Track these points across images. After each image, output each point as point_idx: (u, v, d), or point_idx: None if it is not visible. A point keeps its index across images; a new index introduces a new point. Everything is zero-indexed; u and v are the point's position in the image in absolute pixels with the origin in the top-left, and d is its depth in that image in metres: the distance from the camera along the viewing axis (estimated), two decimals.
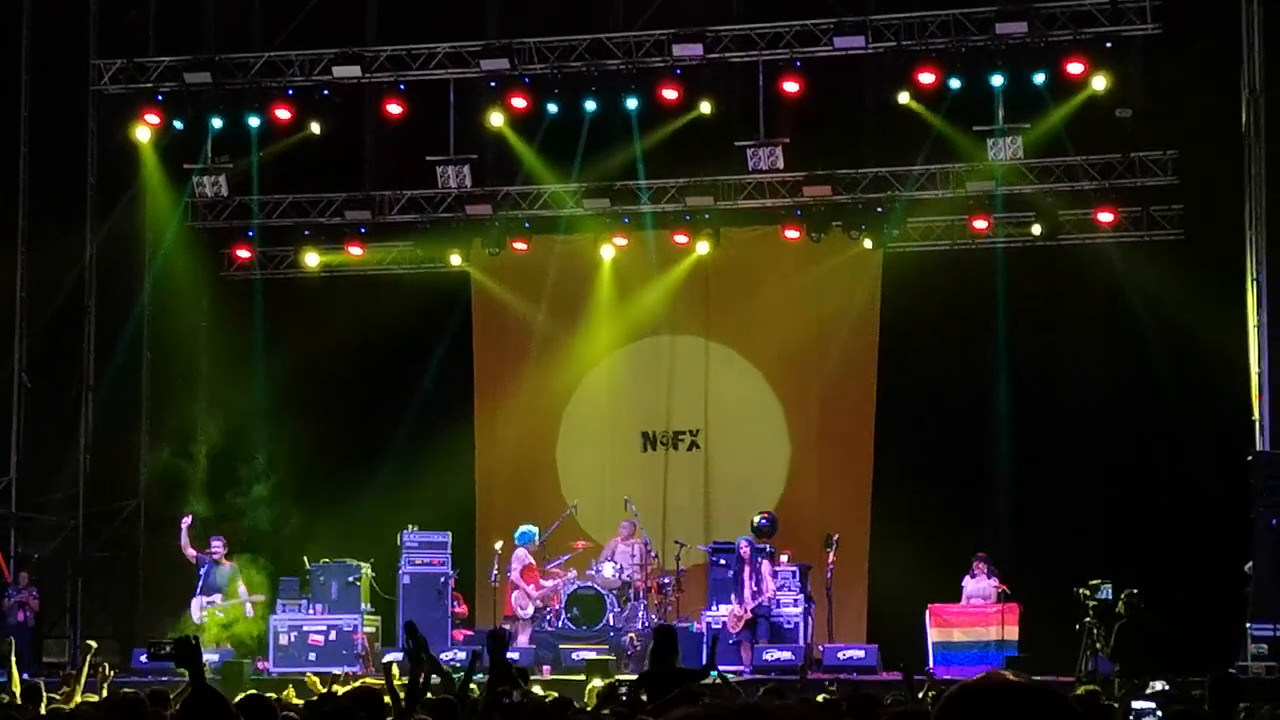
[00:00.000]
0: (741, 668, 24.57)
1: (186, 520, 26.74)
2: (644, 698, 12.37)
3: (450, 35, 28.27)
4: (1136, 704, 15.25)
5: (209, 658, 23.26)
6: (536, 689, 17.94)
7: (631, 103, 27.78)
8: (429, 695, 10.92)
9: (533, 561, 26.32)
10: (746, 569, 25.09)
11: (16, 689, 15.78)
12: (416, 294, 29.61)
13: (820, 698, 14.82)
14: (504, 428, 29.74)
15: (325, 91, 28.59)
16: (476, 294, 30.20)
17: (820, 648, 25.50)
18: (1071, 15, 26.50)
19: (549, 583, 26.33)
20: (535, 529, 26.51)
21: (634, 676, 20.02)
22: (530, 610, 26.05)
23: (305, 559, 26.54)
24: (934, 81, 26.77)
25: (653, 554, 26.89)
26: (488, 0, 28.48)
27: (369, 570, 26.60)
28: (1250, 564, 24.08)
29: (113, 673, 18.23)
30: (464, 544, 27.73)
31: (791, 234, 28.71)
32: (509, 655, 17.62)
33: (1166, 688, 15.55)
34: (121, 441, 29.24)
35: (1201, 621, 24.12)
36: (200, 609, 26.25)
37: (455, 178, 28.39)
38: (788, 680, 19.73)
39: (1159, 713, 13.90)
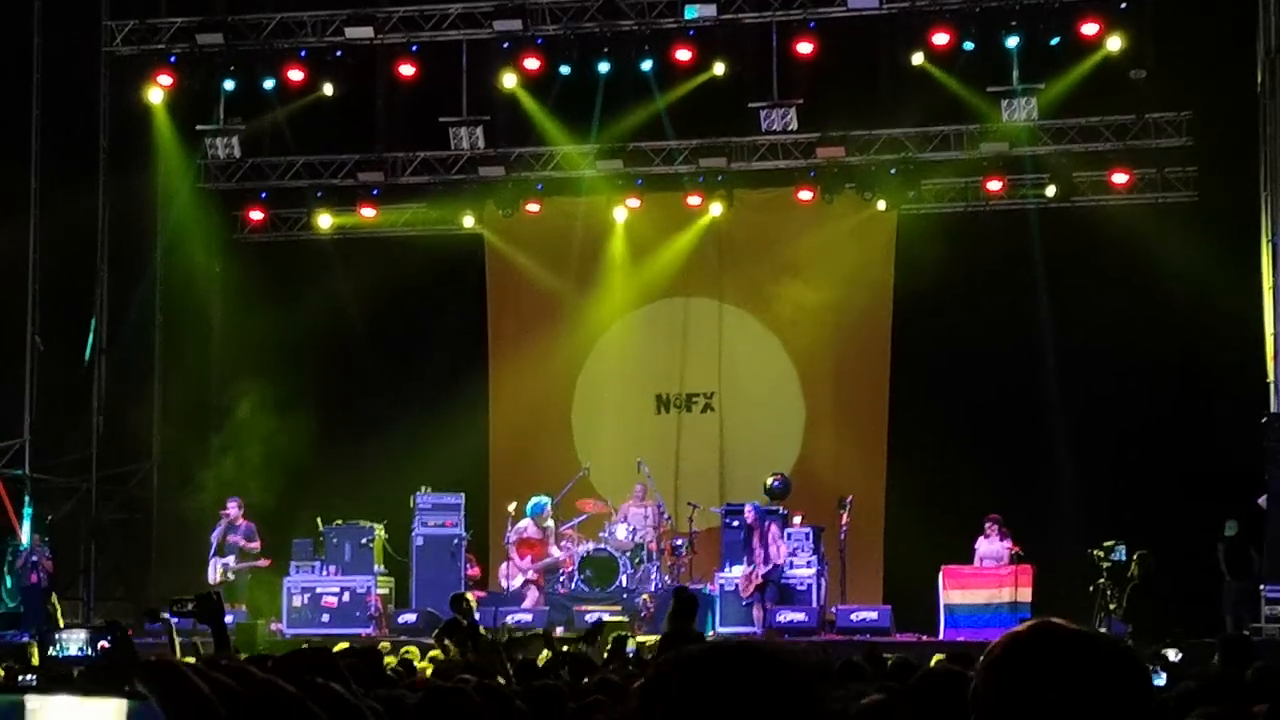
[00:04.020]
0: (754, 629, 24.58)
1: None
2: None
3: None
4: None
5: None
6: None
7: (646, 64, 27.71)
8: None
9: (535, 534, 26.16)
10: (755, 534, 25.04)
11: None
12: (429, 256, 29.57)
13: None
14: (518, 390, 29.72)
15: (337, 53, 28.53)
16: (490, 256, 30.17)
17: (833, 609, 25.49)
18: None
19: (556, 552, 26.27)
20: (547, 500, 26.39)
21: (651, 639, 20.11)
22: (518, 581, 25.92)
23: (318, 520, 26.55)
24: (948, 42, 26.70)
25: (665, 516, 26.89)
26: None
27: (382, 532, 26.62)
28: (1229, 524, 24.08)
29: None
30: (478, 506, 27.73)
31: (805, 195, 28.66)
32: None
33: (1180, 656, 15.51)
34: (135, 404, 29.25)
35: (1215, 583, 24.10)
36: (216, 570, 26.29)
37: (468, 139, 28.36)
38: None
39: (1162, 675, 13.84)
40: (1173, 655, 14.48)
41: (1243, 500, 24.14)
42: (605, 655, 15.02)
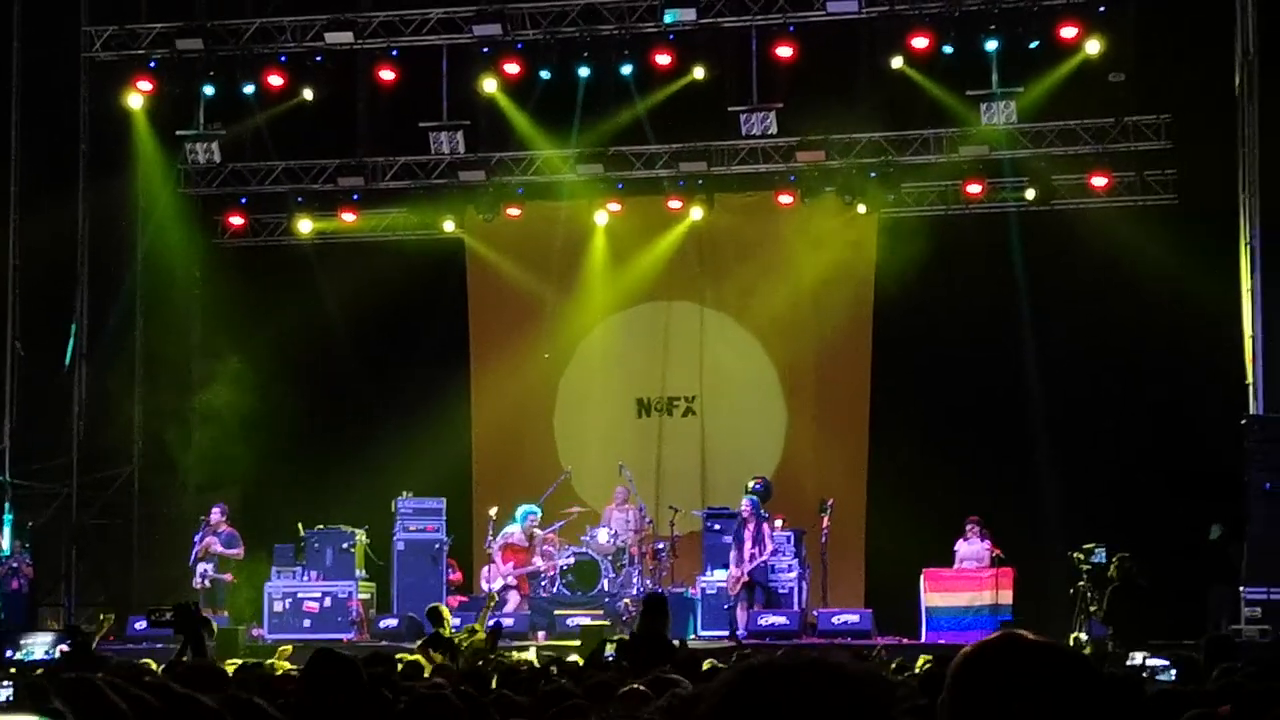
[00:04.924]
0: (740, 632, 24.56)
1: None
2: (625, 662, 12.39)
3: (442, 1, 28.20)
4: (1151, 661, 15.28)
5: None
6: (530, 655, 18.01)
7: (625, 68, 27.74)
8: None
9: (521, 541, 26.20)
10: (748, 530, 24.98)
11: None
12: (410, 260, 29.54)
13: None
14: (500, 394, 29.73)
15: (318, 58, 28.51)
16: (471, 260, 30.17)
17: (815, 612, 25.52)
18: None
19: (539, 561, 26.28)
20: (537, 510, 26.43)
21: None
22: (498, 585, 26.01)
23: (300, 525, 26.54)
24: (928, 46, 26.73)
25: (647, 520, 26.90)
26: None
27: (363, 537, 26.60)
28: (1214, 528, 24.11)
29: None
30: (459, 510, 27.72)
31: (785, 199, 28.71)
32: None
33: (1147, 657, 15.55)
34: (115, 409, 29.20)
35: (1195, 585, 24.14)
36: (201, 577, 26.26)
37: (448, 144, 28.34)
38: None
39: (1172, 671, 13.90)
40: (1139, 658, 14.45)
41: (1225, 502, 24.18)
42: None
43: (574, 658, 17.19)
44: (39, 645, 12.84)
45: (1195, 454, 25.64)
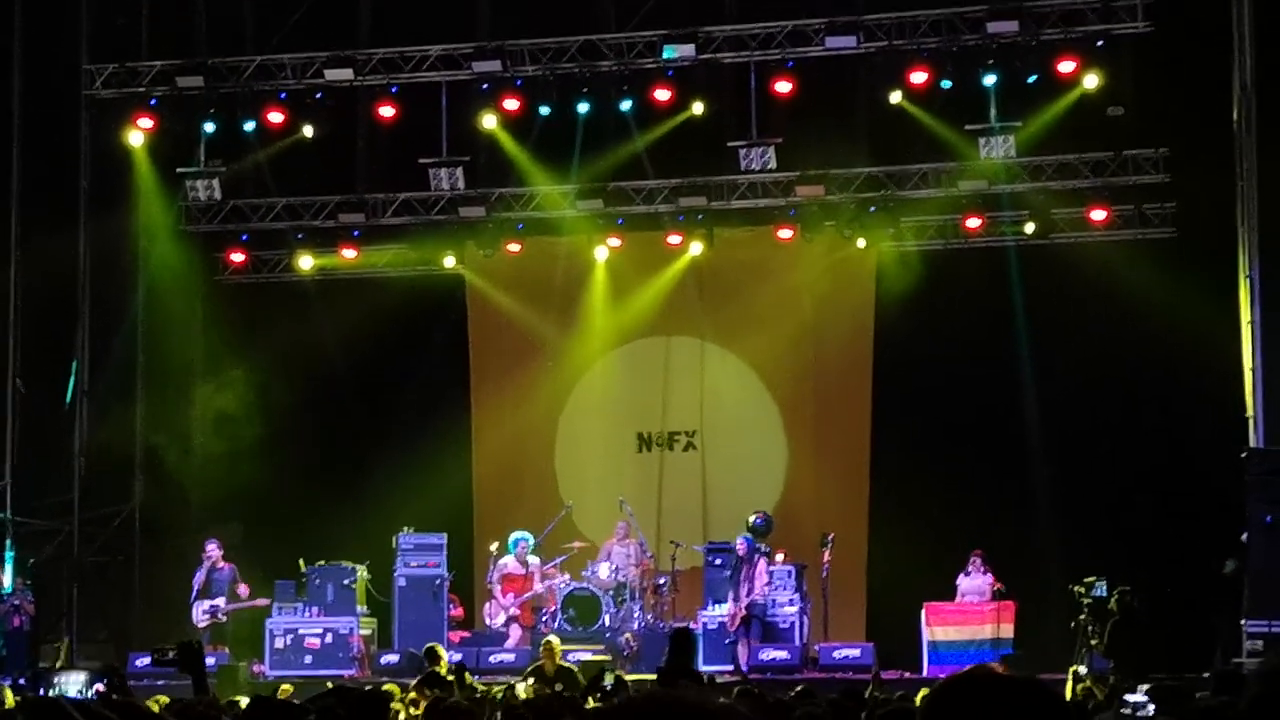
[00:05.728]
0: (743, 666, 24.53)
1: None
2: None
3: (442, 37, 28.29)
4: (1130, 697, 15.24)
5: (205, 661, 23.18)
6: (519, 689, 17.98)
7: (625, 104, 27.81)
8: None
9: (517, 570, 26.21)
10: (744, 568, 25.03)
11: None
12: (411, 296, 29.61)
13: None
14: (501, 429, 29.75)
15: (318, 94, 28.57)
16: (471, 296, 30.21)
17: (816, 647, 25.50)
18: (1063, 14, 26.55)
19: (540, 587, 26.28)
20: (528, 535, 26.43)
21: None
22: (501, 619, 26.03)
23: (301, 561, 26.52)
24: (926, 81, 26.80)
25: (648, 554, 26.90)
26: (479, 2, 28.44)
27: (364, 572, 26.58)
28: (1229, 562, 24.09)
29: None
30: (461, 546, 27.73)
31: (785, 234, 28.76)
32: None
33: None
34: (116, 446, 29.21)
35: (1196, 618, 24.13)
36: (202, 614, 26.23)
37: (448, 180, 28.40)
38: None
39: (1151, 706, 13.88)
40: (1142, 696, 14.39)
41: (1226, 534, 24.17)
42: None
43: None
44: (73, 684, 12.76)
45: (1196, 487, 25.62)
